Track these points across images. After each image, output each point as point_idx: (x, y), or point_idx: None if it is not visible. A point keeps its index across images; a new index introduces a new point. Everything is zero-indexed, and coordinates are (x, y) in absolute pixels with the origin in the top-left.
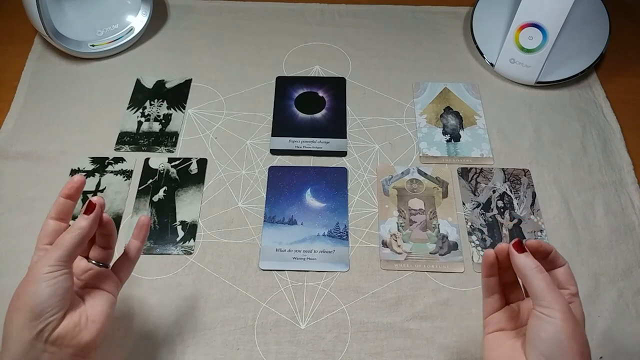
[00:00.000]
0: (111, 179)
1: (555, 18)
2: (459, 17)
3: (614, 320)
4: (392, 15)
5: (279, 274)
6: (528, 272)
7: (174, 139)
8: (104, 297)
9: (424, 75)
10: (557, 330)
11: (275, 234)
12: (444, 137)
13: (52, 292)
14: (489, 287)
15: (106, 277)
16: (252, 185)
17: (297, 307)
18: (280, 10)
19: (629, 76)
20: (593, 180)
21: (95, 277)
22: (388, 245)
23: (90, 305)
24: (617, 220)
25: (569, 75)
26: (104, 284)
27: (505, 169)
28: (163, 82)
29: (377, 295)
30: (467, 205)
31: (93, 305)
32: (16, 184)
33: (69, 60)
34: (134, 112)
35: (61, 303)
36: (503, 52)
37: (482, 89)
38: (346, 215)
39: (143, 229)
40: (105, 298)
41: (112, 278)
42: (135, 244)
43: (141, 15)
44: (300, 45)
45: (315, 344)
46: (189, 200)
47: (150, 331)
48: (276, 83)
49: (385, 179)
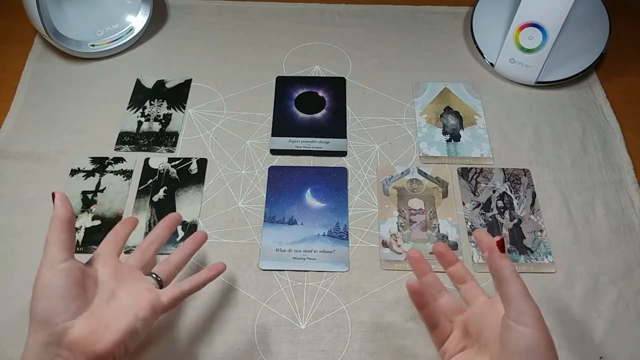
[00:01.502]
0: (111, 179)
1: (555, 18)
2: (459, 17)
3: (614, 320)
4: (392, 15)
5: (279, 274)
6: (508, 275)
7: (174, 139)
8: (133, 308)
9: (424, 75)
10: (532, 341)
11: (275, 234)
12: (444, 137)
13: (54, 293)
14: (430, 316)
15: (149, 292)
16: (252, 185)
17: (297, 307)
18: (280, 10)
19: (629, 76)
20: (593, 180)
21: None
22: (388, 245)
23: (114, 315)
24: (617, 220)
25: (569, 75)
26: (141, 297)
27: (505, 169)
28: (163, 82)
29: (377, 295)
30: (467, 205)
31: (117, 317)
32: (16, 184)
33: (69, 60)
34: (134, 112)
35: (68, 305)
36: (503, 52)
37: (482, 89)
38: (346, 215)
39: (214, 271)
40: (134, 311)
41: (154, 296)
42: (197, 280)
43: (141, 15)
44: (300, 45)
45: (315, 344)
46: (189, 200)
47: (150, 331)
48: (276, 83)
49: (385, 178)
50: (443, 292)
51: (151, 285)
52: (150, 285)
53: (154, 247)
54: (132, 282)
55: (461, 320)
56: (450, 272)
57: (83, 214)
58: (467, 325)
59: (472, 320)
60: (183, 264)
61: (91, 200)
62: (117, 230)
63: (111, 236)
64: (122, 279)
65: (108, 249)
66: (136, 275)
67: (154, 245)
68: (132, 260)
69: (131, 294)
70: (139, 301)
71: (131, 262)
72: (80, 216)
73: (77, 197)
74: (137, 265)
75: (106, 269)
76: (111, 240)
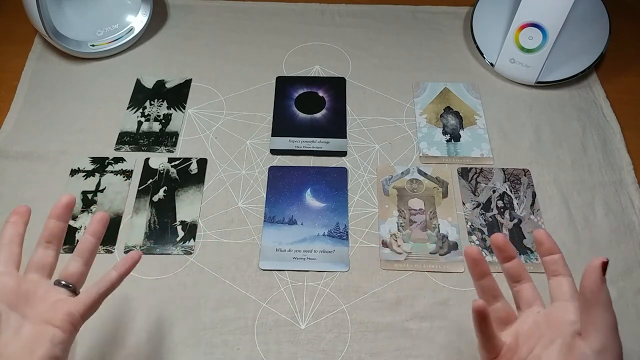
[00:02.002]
0: (111, 179)
1: (555, 18)
2: (459, 17)
3: None
4: (392, 15)
5: (279, 274)
6: (606, 302)
7: (174, 139)
8: (48, 333)
9: (424, 75)
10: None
11: (275, 234)
12: (444, 137)
13: None
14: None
15: (61, 305)
16: (252, 185)
17: (297, 307)
18: (280, 10)
19: (629, 76)
20: (593, 180)
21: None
22: (388, 245)
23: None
24: (617, 220)
25: (569, 75)
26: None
27: (505, 169)
28: (163, 82)
29: (377, 295)
30: (467, 205)
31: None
32: (16, 184)
33: (69, 60)
34: (134, 112)
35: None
36: (503, 52)
37: (482, 89)
38: (346, 215)
39: (129, 262)
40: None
41: (69, 308)
42: (113, 276)
43: (141, 15)
44: (300, 45)
45: (315, 344)
46: (189, 200)
47: (151, 331)
48: (276, 83)
49: (385, 178)
50: (499, 297)
51: (63, 295)
52: (62, 296)
53: (53, 247)
54: (41, 299)
55: (512, 331)
56: (506, 269)
57: (83, 214)
58: (518, 338)
59: (524, 334)
60: (92, 259)
61: (91, 200)
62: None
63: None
64: (28, 298)
65: (1, 266)
66: (43, 287)
67: (53, 245)
68: (33, 271)
69: (43, 314)
70: (53, 320)
71: (33, 274)
72: (80, 216)
73: (77, 197)
74: (40, 275)
75: (6, 291)
76: (3, 253)
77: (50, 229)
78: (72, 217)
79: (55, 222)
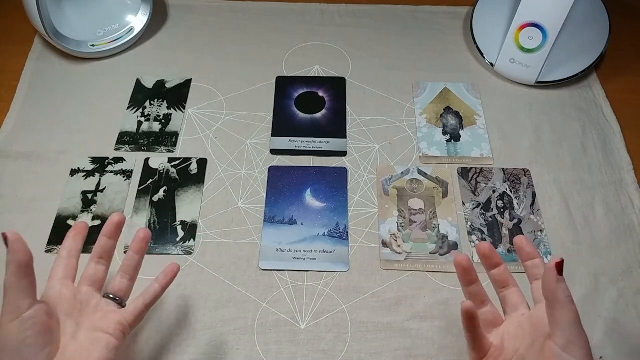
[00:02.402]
0: (111, 179)
1: (555, 18)
2: (459, 17)
3: (614, 320)
4: (392, 15)
5: (279, 274)
6: (563, 299)
7: (174, 138)
8: (103, 340)
9: (424, 75)
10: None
11: (275, 234)
12: (444, 137)
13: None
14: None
15: (113, 315)
16: (252, 185)
17: (297, 307)
18: (280, 10)
19: (629, 76)
20: (593, 180)
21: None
22: (388, 245)
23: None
24: (617, 220)
25: (569, 75)
26: (107, 324)
27: (505, 169)
28: (163, 82)
29: (377, 295)
30: (467, 205)
31: (89, 351)
32: (16, 184)
33: (69, 60)
34: (134, 112)
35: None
36: (503, 52)
37: (482, 89)
38: (346, 215)
39: (169, 275)
40: (105, 343)
41: (119, 318)
42: (156, 288)
43: (141, 15)
44: (300, 45)
45: (315, 344)
46: (189, 200)
47: (151, 331)
48: (276, 83)
49: (385, 179)
50: (486, 302)
51: (113, 307)
52: (113, 308)
53: (104, 262)
54: (93, 309)
55: (498, 333)
56: (493, 276)
57: (83, 214)
58: (504, 340)
59: (509, 335)
60: (136, 274)
61: (91, 200)
62: (67, 250)
63: (61, 259)
64: (82, 308)
65: (60, 275)
66: (95, 300)
67: (104, 261)
68: (86, 284)
69: (96, 322)
70: (106, 329)
71: (85, 287)
72: (80, 216)
73: (77, 197)
74: (92, 288)
75: (64, 302)
76: (62, 264)
77: (102, 246)
78: (72, 218)
79: (106, 239)
